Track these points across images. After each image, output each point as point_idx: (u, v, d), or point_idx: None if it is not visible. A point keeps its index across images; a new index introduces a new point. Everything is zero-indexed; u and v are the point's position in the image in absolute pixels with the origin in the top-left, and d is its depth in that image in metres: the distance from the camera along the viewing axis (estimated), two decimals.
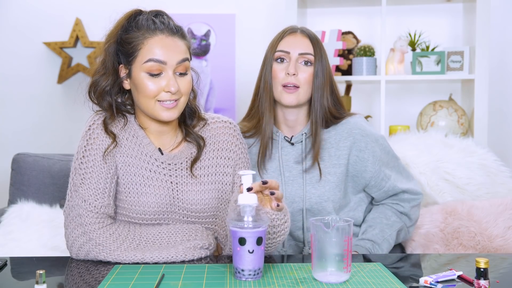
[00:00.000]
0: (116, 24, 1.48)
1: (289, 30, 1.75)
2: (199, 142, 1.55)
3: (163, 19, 1.46)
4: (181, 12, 3.24)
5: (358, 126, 1.74)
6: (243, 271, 1.25)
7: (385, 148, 1.78)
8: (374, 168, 1.73)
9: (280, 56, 1.72)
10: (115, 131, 1.51)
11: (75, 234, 1.45)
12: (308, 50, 1.71)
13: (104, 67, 1.49)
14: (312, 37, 1.74)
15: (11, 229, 2.08)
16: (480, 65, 2.73)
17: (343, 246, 1.22)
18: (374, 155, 1.73)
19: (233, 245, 1.26)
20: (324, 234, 1.22)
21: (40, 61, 3.37)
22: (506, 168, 2.26)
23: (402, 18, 3.17)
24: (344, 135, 1.73)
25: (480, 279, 1.18)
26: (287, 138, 1.76)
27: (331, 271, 1.23)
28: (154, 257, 1.42)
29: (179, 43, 1.46)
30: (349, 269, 1.24)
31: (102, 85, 1.49)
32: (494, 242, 1.95)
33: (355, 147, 1.72)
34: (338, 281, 1.23)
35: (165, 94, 1.44)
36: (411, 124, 2.99)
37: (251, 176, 1.29)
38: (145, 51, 1.42)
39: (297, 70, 1.70)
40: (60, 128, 3.37)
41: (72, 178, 1.49)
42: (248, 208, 1.25)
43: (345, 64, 2.99)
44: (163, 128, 1.53)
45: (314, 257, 1.25)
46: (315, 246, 1.24)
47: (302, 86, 1.70)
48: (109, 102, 1.51)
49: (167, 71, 1.43)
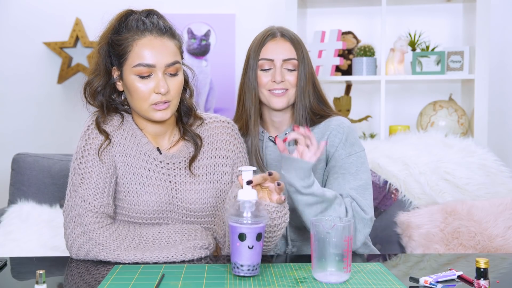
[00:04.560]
0: (108, 26, 1.49)
1: (269, 35, 1.72)
2: (196, 140, 1.56)
3: (153, 19, 1.46)
4: (181, 12, 3.24)
5: (338, 123, 1.70)
6: (242, 266, 1.25)
7: (353, 147, 1.69)
8: (332, 150, 1.68)
9: (264, 65, 1.71)
10: (111, 130, 1.52)
11: (75, 234, 1.45)
12: (291, 55, 1.69)
13: (97, 68, 1.50)
14: (293, 39, 1.71)
15: (11, 229, 2.08)
16: (480, 65, 2.73)
17: (343, 246, 1.22)
18: (340, 141, 1.67)
19: (232, 240, 1.26)
20: (324, 234, 1.23)
21: (40, 61, 3.37)
22: (506, 168, 2.26)
23: (402, 18, 3.17)
24: (325, 132, 1.71)
25: (480, 279, 1.18)
26: (272, 138, 1.76)
27: (331, 271, 1.23)
28: (154, 257, 1.42)
29: (168, 44, 1.45)
30: (349, 269, 1.24)
31: (94, 86, 1.50)
32: (494, 242, 1.95)
33: (331, 136, 1.69)
34: (338, 281, 1.23)
35: (156, 96, 1.44)
36: (411, 124, 2.99)
37: (251, 172, 1.30)
38: (134, 54, 1.43)
39: (283, 75, 1.69)
40: (60, 128, 3.37)
41: (71, 178, 1.49)
42: (248, 204, 1.26)
43: (345, 64, 2.99)
44: (159, 129, 1.54)
45: (314, 257, 1.25)
46: (315, 246, 1.24)
47: (290, 89, 1.70)
48: (101, 102, 1.52)
49: (157, 73, 1.43)
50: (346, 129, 1.68)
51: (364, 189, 1.65)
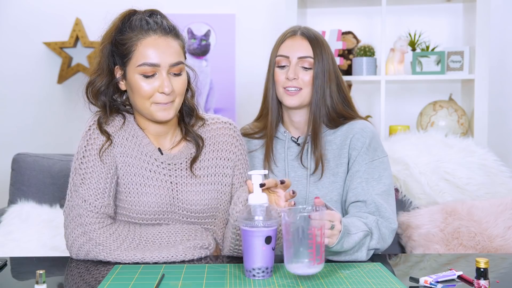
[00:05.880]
0: (111, 25, 1.48)
1: (289, 33, 1.73)
2: (198, 141, 1.55)
3: (156, 19, 1.46)
4: (181, 12, 3.24)
5: (362, 127, 1.69)
6: (267, 269, 1.27)
7: (375, 151, 1.67)
8: (355, 155, 1.65)
9: (280, 61, 1.71)
10: (113, 130, 1.51)
11: (75, 234, 1.45)
12: (307, 53, 1.69)
13: (99, 67, 1.50)
14: (312, 38, 1.71)
15: (11, 229, 2.08)
16: (480, 65, 2.73)
17: (308, 237, 1.21)
18: (363, 146, 1.66)
19: (254, 245, 1.26)
20: (291, 224, 1.22)
21: (40, 61, 3.37)
22: (506, 168, 2.26)
23: (402, 18, 3.17)
24: (348, 135, 1.70)
25: (480, 279, 1.18)
26: (294, 139, 1.76)
27: (300, 262, 1.22)
28: (154, 257, 1.42)
29: (172, 43, 1.45)
30: (318, 261, 1.22)
31: (97, 85, 1.49)
32: (494, 242, 1.95)
33: (353, 139, 1.67)
34: (306, 273, 1.22)
35: (160, 96, 1.44)
36: (411, 124, 2.99)
37: (261, 176, 1.31)
38: (139, 53, 1.43)
39: (297, 73, 1.69)
40: (60, 128, 3.37)
41: (72, 178, 1.49)
42: (259, 208, 1.27)
43: (345, 64, 2.99)
44: (161, 129, 1.53)
45: (285, 246, 1.24)
46: (284, 237, 1.24)
47: (304, 88, 1.69)
48: (104, 102, 1.51)
49: (161, 72, 1.43)
50: (370, 134, 1.67)
51: (388, 195, 1.62)
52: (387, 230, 1.56)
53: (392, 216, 1.59)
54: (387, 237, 1.56)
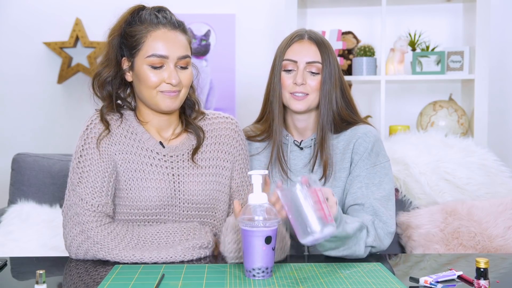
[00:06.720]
0: (120, 18, 1.53)
1: (296, 37, 1.70)
2: (199, 132, 1.58)
3: (165, 14, 1.51)
4: (181, 12, 3.22)
5: (365, 132, 1.68)
6: (267, 269, 1.27)
7: (378, 155, 1.67)
8: (356, 159, 1.66)
9: (287, 65, 1.69)
10: (111, 127, 1.53)
11: (73, 233, 1.45)
12: (316, 58, 1.67)
13: (107, 59, 1.53)
14: (319, 42, 1.68)
15: (11, 229, 2.08)
16: (480, 65, 2.73)
17: (313, 198, 1.23)
18: (365, 150, 1.66)
19: (255, 245, 1.27)
20: (291, 195, 1.23)
21: (40, 61, 3.37)
22: (506, 168, 2.26)
23: (402, 18, 3.17)
24: (351, 140, 1.70)
25: (480, 279, 1.18)
26: (297, 143, 1.74)
27: (315, 229, 1.22)
28: (153, 257, 1.42)
29: (180, 37, 1.50)
30: (330, 219, 1.23)
31: (104, 76, 1.52)
32: (494, 242, 1.95)
33: (356, 144, 1.68)
34: (327, 235, 1.22)
35: (166, 86, 1.48)
36: (411, 124, 2.99)
37: (261, 176, 1.31)
38: (148, 45, 1.47)
39: (305, 79, 1.66)
40: (60, 128, 3.37)
41: (70, 177, 1.50)
42: (259, 208, 1.28)
43: (345, 64, 2.99)
44: (164, 122, 1.56)
45: (294, 225, 1.24)
46: (290, 214, 1.24)
47: (311, 94, 1.68)
48: (109, 92, 1.54)
49: (169, 64, 1.48)
50: (373, 139, 1.67)
51: (387, 200, 1.62)
52: (383, 231, 1.56)
53: (390, 220, 1.59)
54: (383, 238, 1.56)
